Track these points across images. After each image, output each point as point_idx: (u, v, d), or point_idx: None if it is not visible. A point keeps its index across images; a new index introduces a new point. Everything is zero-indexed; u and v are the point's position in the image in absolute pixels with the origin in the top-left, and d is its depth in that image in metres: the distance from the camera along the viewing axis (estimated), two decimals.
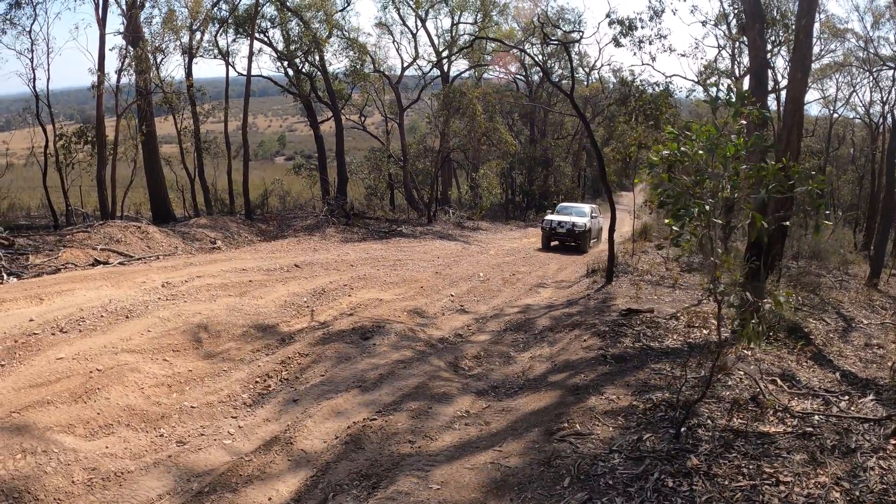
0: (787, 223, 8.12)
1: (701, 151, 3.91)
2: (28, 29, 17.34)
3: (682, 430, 4.24)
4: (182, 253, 14.81)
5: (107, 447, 5.23)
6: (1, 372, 6.43)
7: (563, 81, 27.36)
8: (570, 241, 20.73)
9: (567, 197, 32.17)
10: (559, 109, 31.43)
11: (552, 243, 21.05)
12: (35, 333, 7.24)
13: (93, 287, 9.77)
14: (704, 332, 7.30)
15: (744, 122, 4.21)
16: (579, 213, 22.00)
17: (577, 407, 5.18)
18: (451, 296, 10.82)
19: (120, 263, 13.06)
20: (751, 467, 3.75)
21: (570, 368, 6.48)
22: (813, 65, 19.15)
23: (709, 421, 4.45)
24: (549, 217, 21.61)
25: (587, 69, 32.68)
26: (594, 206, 24.92)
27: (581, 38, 27.03)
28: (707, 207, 3.89)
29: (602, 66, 47.22)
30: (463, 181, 30.83)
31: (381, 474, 4.46)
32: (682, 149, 3.95)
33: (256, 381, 7.09)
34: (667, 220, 4.11)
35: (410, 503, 3.94)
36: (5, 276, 11.09)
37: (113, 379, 6.32)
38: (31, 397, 5.68)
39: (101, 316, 8.01)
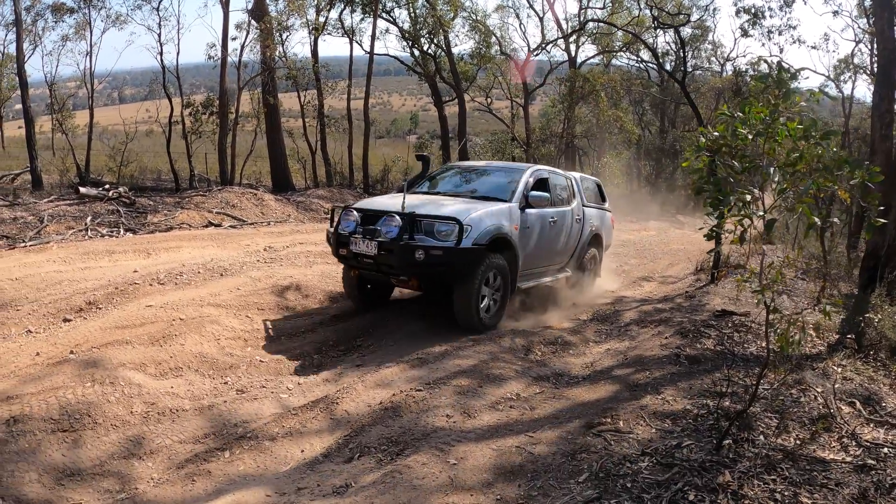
0: None
1: (750, 135, 3.52)
2: (157, 6, 18.60)
3: (725, 442, 3.92)
4: (294, 221, 15.40)
5: (171, 387, 5.56)
6: (96, 314, 7.00)
7: (697, 72, 26.01)
8: (393, 272, 7.32)
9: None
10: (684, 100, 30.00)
11: (359, 276, 7.96)
12: (135, 283, 7.80)
13: (199, 246, 10.39)
14: (806, 342, 6.74)
15: (804, 103, 3.76)
16: (490, 191, 8.44)
17: (629, 404, 4.92)
18: None
19: (231, 227, 13.78)
20: (787, 493, 3.40)
21: (639, 364, 6.17)
22: None
23: (761, 437, 4.09)
24: (360, 204, 8.11)
25: (721, 60, 30.91)
26: (575, 179, 10.21)
27: (688, 21, 25.37)
28: (748, 197, 3.51)
29: (737, 57, 44.13)
30: (587, 168, 30.11)
31: (409, 443, 4.45)
32: (740, 130, 3.57)
33: (331, 344, 7.28)
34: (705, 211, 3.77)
35: (422, 474, 3.90)
36: (122, 231, 11.97)
37: (192, 328, 6.70)
38: (113, 336, 6.13)
39: (199, 272, 8.48)
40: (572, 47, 29.44)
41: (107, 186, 15.34)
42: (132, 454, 4.69)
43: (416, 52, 24.71)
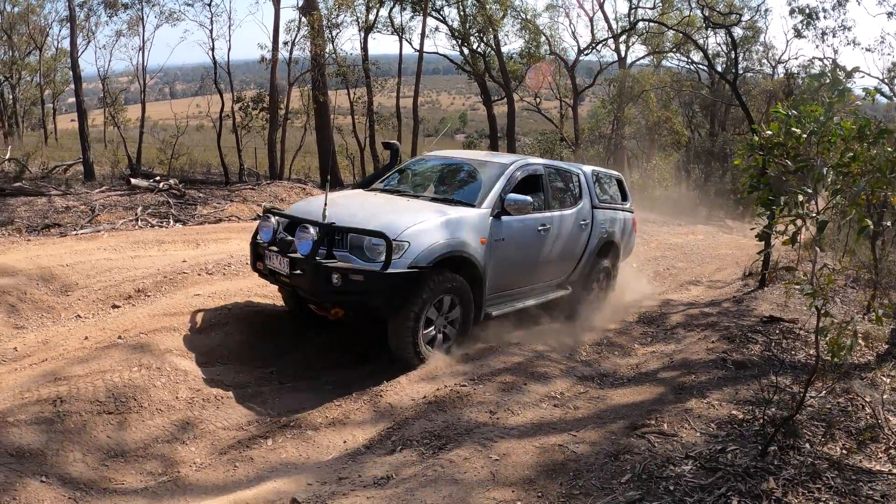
0: None
1: (804, 135, 3.46)
2: (209, 2, 19.01)
3: (771, 448, 3.88)
4: None
5: (218, 374, 5.68)
6: (144, 301, 7.20)
7: (748, 74, 25.47)
8: (308, 297, 6.11)
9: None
10: (735, 102, 29.41)
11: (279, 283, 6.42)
12: (184, 272, 8.00)
13: (247, 238, 10.57)
14: (855, 351, 6.60)
15: (858, 102, 3.69)
16: (459, 193, 7.04)
17: (674, 407, 4.90)
18: None
19: None
20: (831, 503, 3.36)
21: (685, 368, 6.13)
22: None
23: (806, 445, 4.04)
24: (295, 207, 7.06)
25: (772, 62, 30.21)
26: (584, 175, 8.58)
27: (739, 21, 24.80)
28: (800, 197, 3.46)
29: (789, 59, 43.03)
30: (636, 170, 29.75)
31: (452, 437, 4.51)
32: (794, 129, 3.52)
33: None
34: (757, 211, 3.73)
35: (464, 468, 3.95)
36: (172, 222, 12.27)
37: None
38: (161, 323, 6.30)
39: (246, 263, 8.65)
40: (622, 47, 29.23)
41: (157, 178, 15.74)
42: (176, 438, 4.81)
43: (466, 51, 24.77)
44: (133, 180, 14.85)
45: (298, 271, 5.78)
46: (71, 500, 4.02)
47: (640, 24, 28.39)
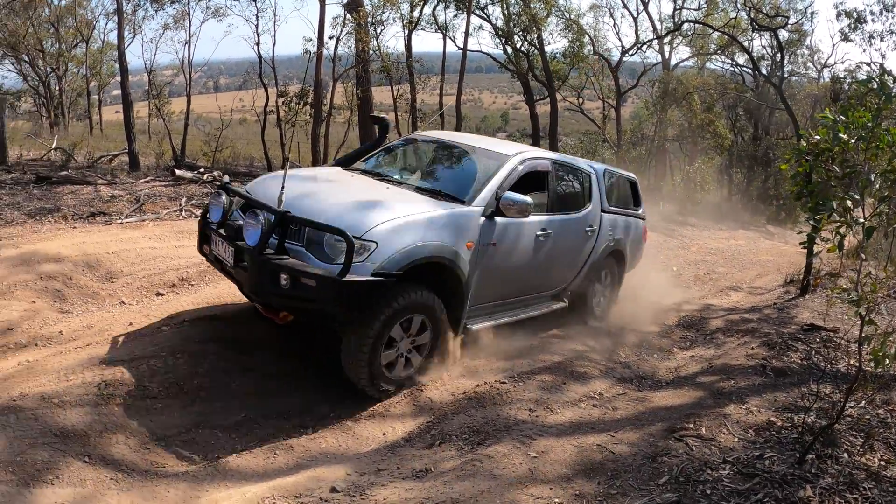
0: None
1: (851, 140, 3.46)
2: None
3: (809, 456, 3.90)
4: None
5: (259, 362, 5.80)
6: (188, 290, 7.37)
7: (793, 78, 24.98)
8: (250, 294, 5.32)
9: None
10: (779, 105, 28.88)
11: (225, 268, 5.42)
12: None
13: None
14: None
15: None
16: (448, 185, 6.09)
17: (712, 411, 4.92)
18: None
19: None
20: None
21: (724, 373, 6.13)
22: None
23: (845, 454, 4.04)
24: (253, 188, 5.93)
25: (818, 66, 29.62)
26: (596, 174, 7.75)
27: (786, 24, 24.34)
28: (849, 203, 3.46)
29: (835, 63, 41.98)
30: (677, 173, 29.35)
31: (491, 433, 4.60)
32: (841, 134, 3.52)
33: None
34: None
35: (502, 464, 4.03)
36: None
37: None
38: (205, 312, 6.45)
39: None
40: (666, 49, 28.89)
41: (201, 170, 16.01)
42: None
43: (509, 50, 24.76)
44: (177, 171, 15.12)
45: (243, 264, 4.92)
46: (112, 481, 4.12)
47: (685, 26, 28.09)
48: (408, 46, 21.94)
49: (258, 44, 19.23)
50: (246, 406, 5.18)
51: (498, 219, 5.88)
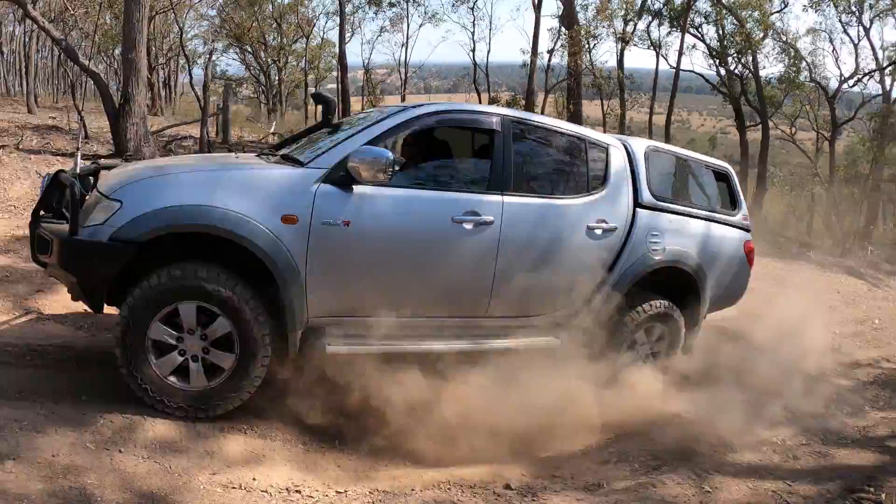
0: None
1: None
2: (472, 6, 20.24)
3: None
4: None
5: None
6: None
7: None
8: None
9: None
10: None
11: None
12: None
13: None
14: None
15: None
16: (317, 150, 4.53)
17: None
18: (834, 333, 10.09)
19: None
20: None
21: None
22: None
23: None
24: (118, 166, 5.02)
25: None
26: (629, 148, 5.47)
27: None
28: None
29: None
30: (890, 219, 26.94)
31: (667, 460, 4.81)
32: None
33: None
34: None
35: (674, 493, 4.27)
36: None
37: None
38: None
39: None
40: (887, 80, 26.42)
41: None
42: None
43: (722, 71, 23.98)
44: None
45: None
46: (301, 444, 4.54)
47: None
48: (619, 62, 21.97)
49: (473, 50, 20.19)
50: None
51: (359, 188, 4.24)
